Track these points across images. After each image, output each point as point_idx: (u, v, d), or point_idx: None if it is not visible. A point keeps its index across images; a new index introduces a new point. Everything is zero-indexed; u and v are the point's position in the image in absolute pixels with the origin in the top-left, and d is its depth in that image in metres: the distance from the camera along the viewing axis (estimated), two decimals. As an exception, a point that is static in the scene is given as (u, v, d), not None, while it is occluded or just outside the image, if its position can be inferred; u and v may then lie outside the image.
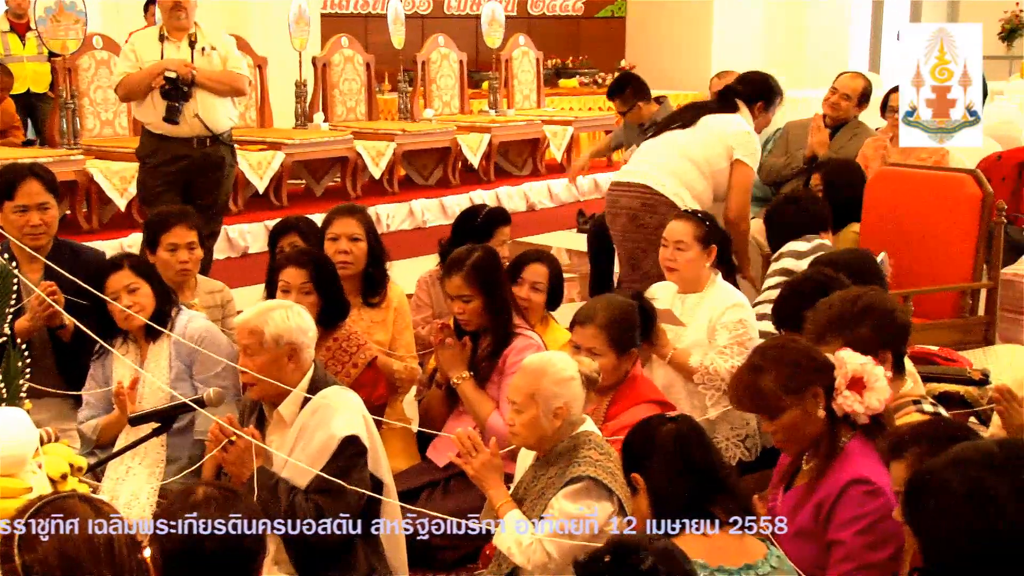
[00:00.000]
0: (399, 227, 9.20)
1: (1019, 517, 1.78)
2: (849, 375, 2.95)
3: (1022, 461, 1.84)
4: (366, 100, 10.48)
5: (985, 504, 1.81)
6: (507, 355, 4.07)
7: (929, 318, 5.23)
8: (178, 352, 3.95)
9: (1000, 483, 1.81)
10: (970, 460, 1.87)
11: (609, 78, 13.54)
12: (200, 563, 2.20)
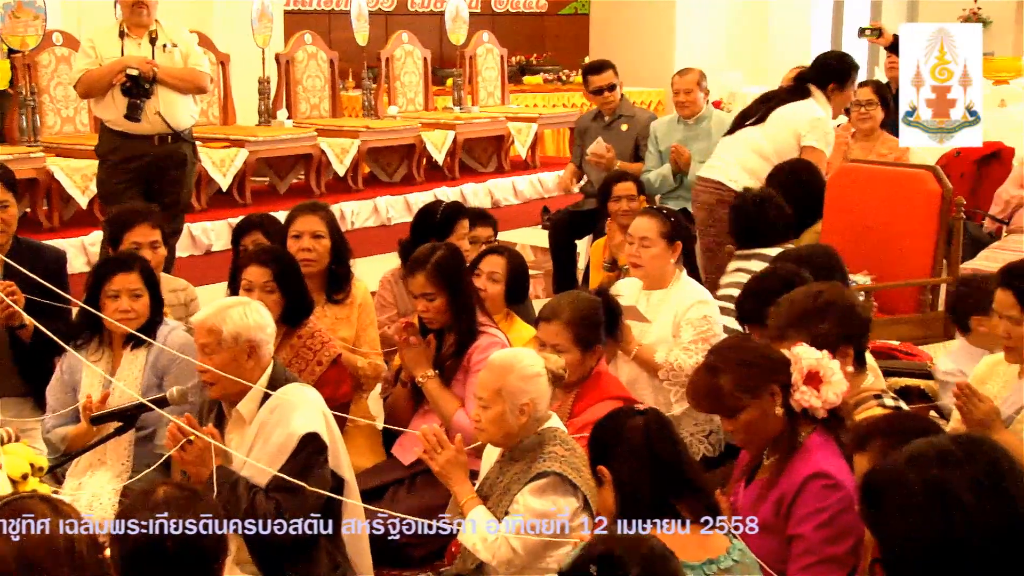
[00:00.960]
0: (363, 224, 9.18)
1: (977, 512, 1.79)
2: (805, 370, 2.97)
3: (978, 456, 1.85)
4: (330, 97, 10.44)
5: (942, 500, 1.81)
6: (472, 353, 4.07)
7: (890, 313, 5.27)
8: (154, 365, 3.91)
9: (957, 479, 1.82)
10: (927, 456, 1.87)
11: (574, 75, 13.57)
12: (160, 563, 2.19)
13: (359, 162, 9.66)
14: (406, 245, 4.82)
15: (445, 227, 4.93)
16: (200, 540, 2.22)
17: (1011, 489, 1.82)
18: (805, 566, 2.89)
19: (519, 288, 4.67)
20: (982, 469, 1.83)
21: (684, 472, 2.80)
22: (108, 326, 3.88)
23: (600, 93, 7.06)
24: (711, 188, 5.73)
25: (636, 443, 2.82)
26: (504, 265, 4.59)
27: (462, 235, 4.96)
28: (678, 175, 6.65)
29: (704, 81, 6.82)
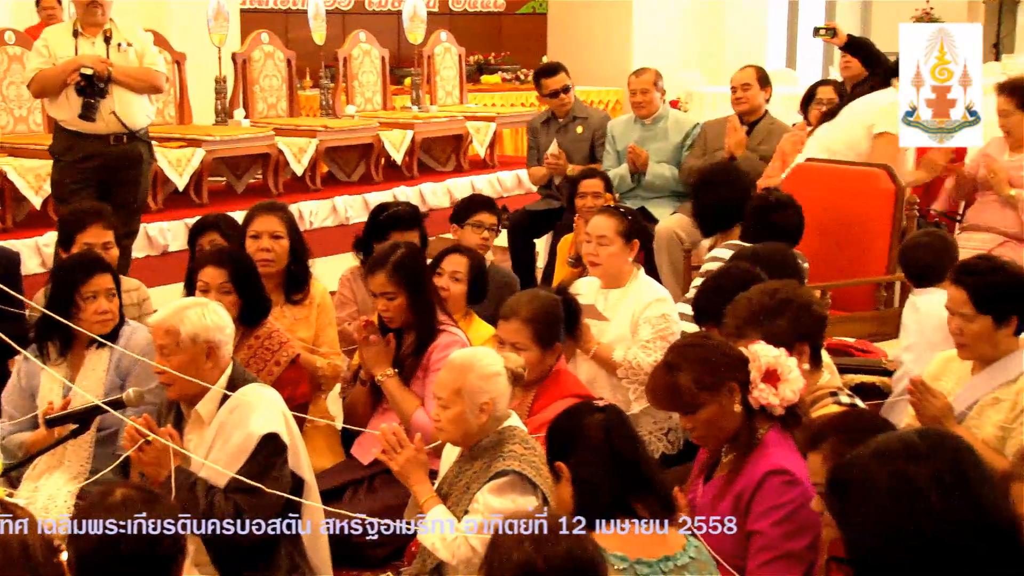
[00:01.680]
0: (322, 224, 9.13)
1: (941, 506, 1.81)
2: (763, 368, 2.99)
3: (943, 450, 1.87)
4: (287, 96, 10.38)
5: (907, 494, 1.83)
6: (431, 352, 4.07)
7: (845, 310, 5.32)
8: (117, 365, 3.88)
9: (921, 473, 1.84)
10: (892, 451, 1.89)
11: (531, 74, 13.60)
12: (116, 565, 2.18)
13: (317, 162, 9.61)
14: (360, 242, 4.84)
15: (382, 233, 4.95)
16: (156, 541, 2.21)
17: (973, 484, 1.84)
18: (764, 562, 2.91)
19: (480, 288, 4.67)
20: (946, 464, 1.85)
21: (643, 470, 2.81)
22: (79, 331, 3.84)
23: (556, 96, 7.08)
24: None
25: (596, 440, 2.83)
26: (466, 264, 4.59)
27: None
28: (636, 175, 6.68)
29: (660, 81, 6.86)
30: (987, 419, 3.38)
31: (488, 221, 5.37)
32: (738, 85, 6.63)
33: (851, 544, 1.92)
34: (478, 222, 5.32)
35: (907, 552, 1.82)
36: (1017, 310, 3.40)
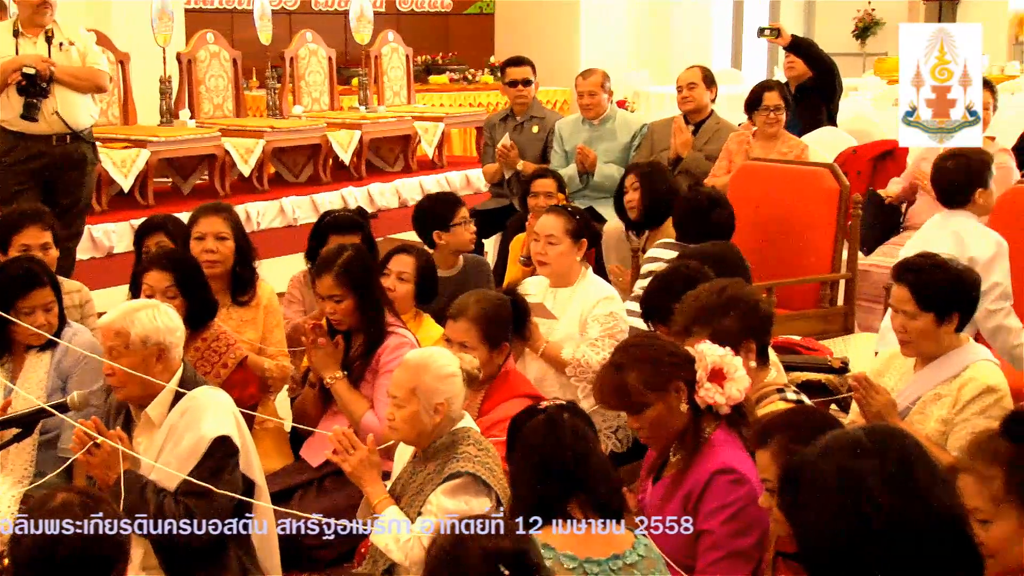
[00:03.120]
0: (269, 225, 9.08)
1: (887, 502, 1.82)
2: (709, 367, 3.01)
3: (890, 447, 1.89)
4: (233, 97, 10.30)
5: (854, 491, 1.84)
6: (380, 354, 4.06)
7: (791, 308, 5.38)
8: (58, 368, 3.84)
9: (868, 469, 1.86)
10: (840, 447, 1.91)
11: (480, 74, 13.59)
12: (53, 570, 2.16)
13: (264, 162, 9.55)
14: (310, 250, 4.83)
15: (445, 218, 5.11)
16: (96, 547, 2.19)
17: (921, 479, 1.86)
18: (713, 560, 2.93)
19: (431, 287, 4.67)
20: (894, 459, 1.87)
21: (577, 471, 2.79)
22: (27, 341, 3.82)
23: (515, 85, 7.10)
24: None
25: (531, 443, 2.84)
26: (413, 264, 4.58)
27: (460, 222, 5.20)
28: (584, 175, 6.71)
29: (608, 82, 6.89)
30: (929, 415, 3.43)
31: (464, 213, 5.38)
32: (684, 85, 6.69)
33: (801, 540, 1.93)
34: (463, 218, 5.32)
35: (856, 547, 1.83)
36: (958, 307, 3.45)
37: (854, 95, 11.34)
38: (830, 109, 7.50)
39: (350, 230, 4.84)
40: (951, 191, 4.60)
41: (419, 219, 5.40)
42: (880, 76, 13.77)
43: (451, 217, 5.24)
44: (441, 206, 5.34)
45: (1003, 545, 2.13)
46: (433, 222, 5.28)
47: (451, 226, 5.23)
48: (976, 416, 3.35)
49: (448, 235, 5.24)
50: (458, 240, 5.27)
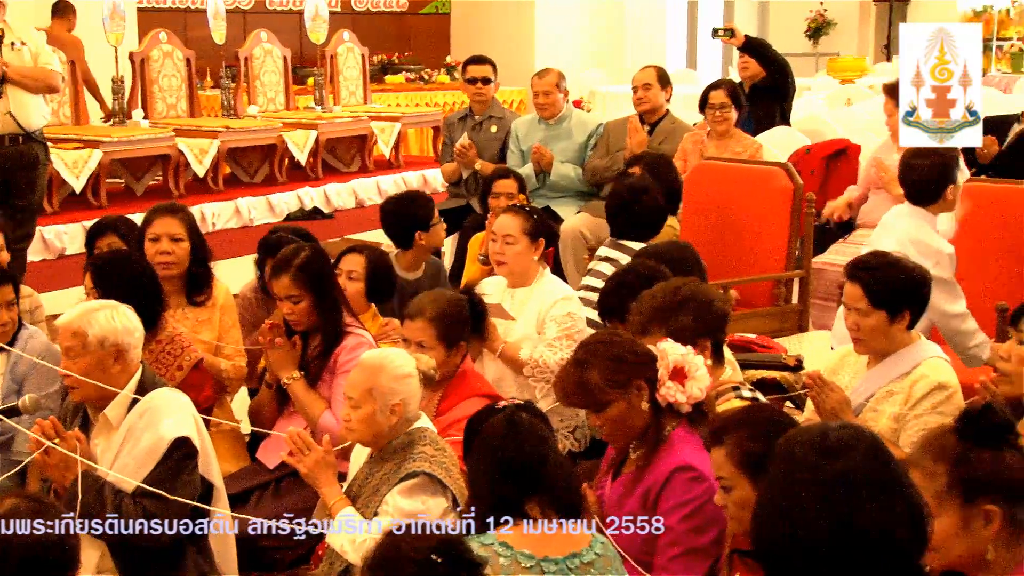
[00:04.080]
0: (225, 226, 9.04)
1: (844, 500, 1.85)
2: (671, 366, 3.03)
3: (851, 445, 1.91)
4: (187, 96, 10.24)
5: (814, 487, 1.86)
6: (338, 354, 4.05)
7: (747, 307, 5.42)
8: (13, 371, 3.80)
9: (829, 467, 1.87)
10: (806, 443, 1.93)
11: (436, 74, 13.59)
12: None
13: (219, 162, 9.50)
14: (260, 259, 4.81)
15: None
16: (45, 553, 2.16)
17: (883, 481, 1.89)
18: (671, 557, 2.95)
19: (384, 287, 4.66)
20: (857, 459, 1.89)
21: (535, 470, 2.80)
22: None
23: (474, 83, 7.10)
24: None
25: (489, 443, 2.84)
26: (363, 263, 4.57)
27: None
28: (540, 175, 6.73)
29: (563, 82, 6.91)
30: (882, 412, 3.46)
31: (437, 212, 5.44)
32: (639, 85, 6.72)
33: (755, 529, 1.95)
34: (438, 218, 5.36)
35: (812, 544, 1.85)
36: (910, 305, 3.49)
37: (807, 95, 11.46)
38: (784, 109, 7.57)
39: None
40: (922, 189, 4.64)
41: (396, 220, 5.34)
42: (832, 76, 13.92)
43: (431, 216, 5.25)
44: (420, 206, 5.32)
45: (944, 540, 2.17)
46: (414, 222, 5.25)
47: (430, 226, 5.24)
48: (928, 413, 3.38)
49: (428, 235, 5.24)
50: (437, 239, 5.31)
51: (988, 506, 2.19)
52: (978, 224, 4.85)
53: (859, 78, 13.47)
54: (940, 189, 4.63)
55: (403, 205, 5.40)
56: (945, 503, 2.20)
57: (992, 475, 2.20)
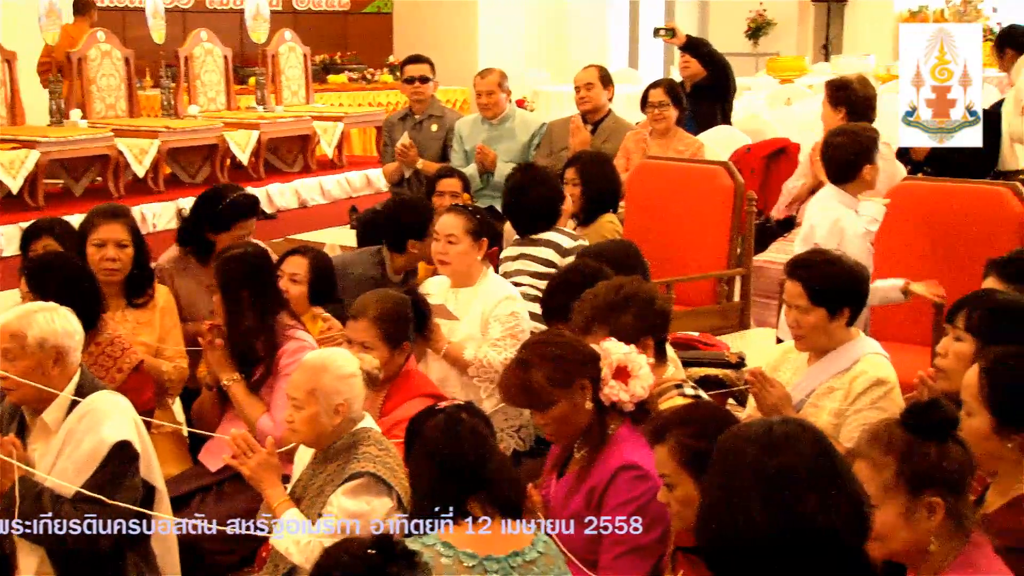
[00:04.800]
0: (166, 227, 8.94)
1: (789, 494, 1.86)
2: (614, 365, 3.05)
3: (794, 439, 1.93)
4: (126, 96, 10.12)
5: (758, 482, 1.88)
6: (280, 356, 4.02)
7: (689, 305, 5.46)
8: None
9: (773, 461, 1.89)
10: (749, 439, 1.94)
11: (379, 74, 13.53)
12: None
13: (159, 163, 9.41)
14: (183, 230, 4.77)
15: (225, 223, 4.80)
16: None
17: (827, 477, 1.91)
18: (616, 556, 2.97)
19: (326, 288, 4.64)
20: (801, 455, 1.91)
21: (476, 470, 2.81)
22: None
23: (412, 82, 7.08)
24: None
25: (430, 443, 2.85)
26: (306, 266, 4.55)
27: (243, 235, 4.83)
28: (484, 175, 6.73)
29: (505, 82, 6.92)
30: (822, 407, 3.50)
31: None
32: (581, 85, 6.74)
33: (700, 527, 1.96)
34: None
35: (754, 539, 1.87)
36: (849, 302, 3.53)
37: (748, 94, 11.55)
38: (724, 108, 7.62)
39: (251, 213, 4.85)
40: (841, 166, 4.67)
41: (390, 223, 5.23)
42: (772, 75, 14.05)
43: (425, 228, 5.02)
44: (418, 214, 5.18)
45: (888, 530, 2.21)
46: (407, 229, 5.12)
47: (424, 236, 5.04)
48: (867, 408, 3.42)
49: (421, 245, 5.07)
50: (427, 252, 5.04)
51: (932, 498, 2.23)
52: (914, 222, 4.92)
53: (798, 78, 13.61)
54: (857, 167, 4.64)
55: (402, 210, 5.29)
56: (891, 494, 2.23)
57: (937, 468, 2.24)
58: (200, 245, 4.78)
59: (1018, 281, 3.45)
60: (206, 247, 4.76)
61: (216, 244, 4.73)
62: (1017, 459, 2.62)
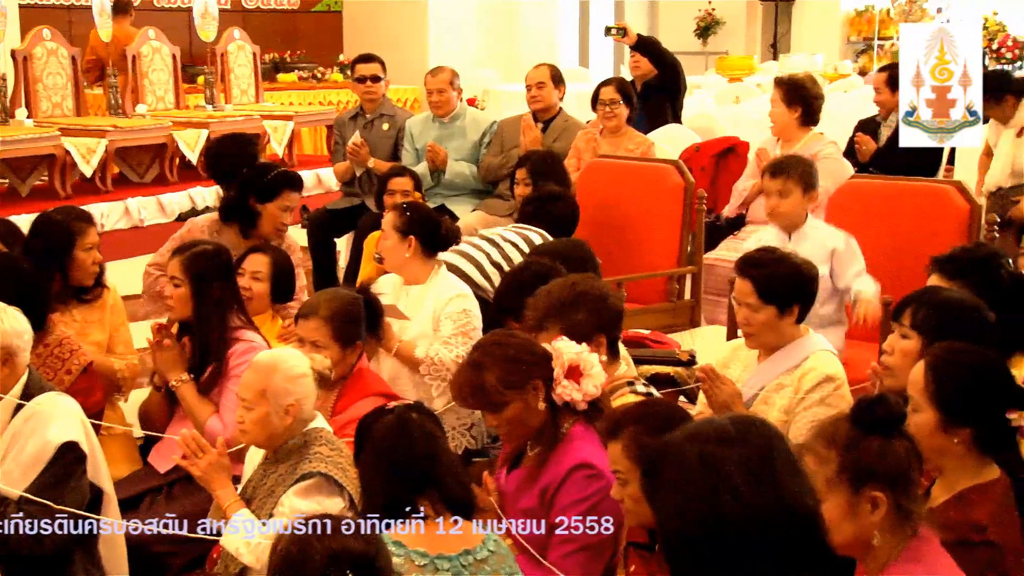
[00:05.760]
0: (114, 227, 8.85)
1: (744, 488, 1.86)
2: (566, 365, 3.06)
3: (751, 436, 1.93)
4: (73, 95, 10.00)
5: (713, 475, 1.87)
6: (229, 356, 4.00)
7: (640, 303, 5.48)
8: None
9: (729, 455, 1.89)
10: (705, 434, 1.94)
11: (329, 72, 13.47)
12: None
13: (107, 162, 9.31)
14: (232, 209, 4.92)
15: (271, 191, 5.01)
16: None
17: (780, 470, 1.90)
18: (567, 553, 2.98)
19: (285, 286, 4.62)
20: (755, 449, 1.91)
21: (426, 469, 2.81)
22: None
23: (363, 82, 7.05)
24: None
25: (379, 443, 2.85)
26: (268, 264, 4.53)
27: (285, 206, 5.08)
28: (435, 173, 6.72)
29: (457, 80, 6.92)
30: (772, 404, 3.53)
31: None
32: (532, 83, 6.76)
33: (660, 524, 1.97)
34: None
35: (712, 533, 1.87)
36: (798, 299, 3.57)
37: (697, 93, 11.63)
38: (675, 107, 7.67)
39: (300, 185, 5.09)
40: None
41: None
42: (722, 74, 14.16)
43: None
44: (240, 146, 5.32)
45: (832, 524, 2.22)
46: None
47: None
48: (816, 405, 3.45)
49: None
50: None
51: (875, 492, 2.26)
52: (861, 220, 4.98)
53: (747, 76, 13.73)
54: None
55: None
56: (834, 488, 2.26)
57: (879, 463, 2.26)
58: (244, 216, 4.98)
59: (960, 277, 3.49)
60: (249, 218, 4.99)
61: (261, 215, 4.98)
62: (963, 454, 2.66)
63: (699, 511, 1.88)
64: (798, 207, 4.58)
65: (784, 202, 4.59)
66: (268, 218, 5.01)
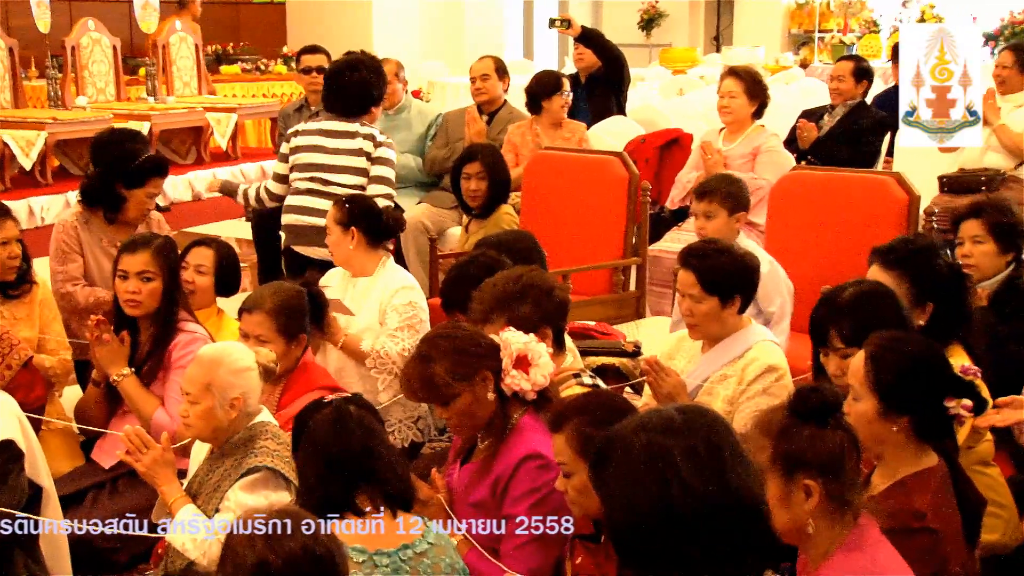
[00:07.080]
0: (55, 220, 8.73)
1: (691, 477, 1.88)
2: (514, 355, 3.07)
3: (700, 427, 1.95)
4: (11, 87, 9.86)
5: (660, 464, 1.89)
6: (172, 349, 3.97)
7: (585, 294, 5.50)
8: None
9: (676, 445, 1.91)
10: (652, 424, 1.95)
11: (272, 64, 13.37)
12: None
13: (47, 155, 9.18)
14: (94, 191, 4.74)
15: (138, 178, 4.76)
16: None
17: (726, 460, 1.92)
18: (519, 545, 2.99)
19: (231, 280, 4.58)
20: (701, 438, 1.93)
21: (363, 464, 2.81)
22: None
23: (308, 73, 7.00)
24: None
25: (315, 437, 2.84)
26: (212, 257, 4.50)
27: (150, 194, 4.85)
28: None
29: (402, 72, 6.90)
30: (716, 394, 3.56)
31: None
32: (477, 76, 6.76)
33: (607, 511, 1.98)
34: None
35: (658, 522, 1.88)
36: (741, 291, 3.60)
37: (641, 85, 11.68)
38: (619, 99, 7.69)
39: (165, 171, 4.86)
40: None
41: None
42: (665, 66, 14.24)
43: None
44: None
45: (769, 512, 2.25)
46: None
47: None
48: (759, 395, 3.49)
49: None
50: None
51: (807, 480, 2.29)
52: (802, 210, 5.03)
53: (690, 68, 13.81)
54: None
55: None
56: (769, 476, 2.28)
57: (808, 451, 2.29)
58: (110, 201, 4.75)
59: (899, 267, 3.54)
60: (114, 204, 4.75)
61: (128, 200, 4.75)
62: (902, 442, 2.70)
63: (647, 501, 1.89)
64: (724, 228, 4.59)
65: (709, 224, 4.61)
66: (135, 204, 4.78)
